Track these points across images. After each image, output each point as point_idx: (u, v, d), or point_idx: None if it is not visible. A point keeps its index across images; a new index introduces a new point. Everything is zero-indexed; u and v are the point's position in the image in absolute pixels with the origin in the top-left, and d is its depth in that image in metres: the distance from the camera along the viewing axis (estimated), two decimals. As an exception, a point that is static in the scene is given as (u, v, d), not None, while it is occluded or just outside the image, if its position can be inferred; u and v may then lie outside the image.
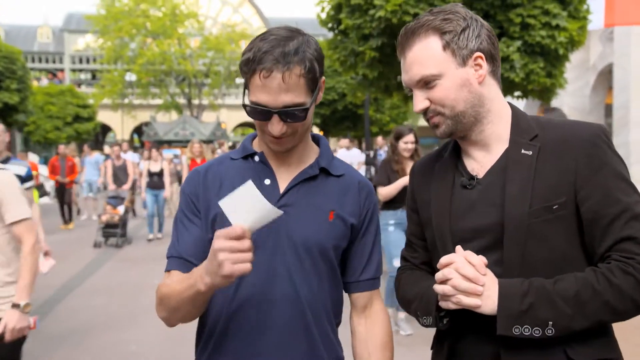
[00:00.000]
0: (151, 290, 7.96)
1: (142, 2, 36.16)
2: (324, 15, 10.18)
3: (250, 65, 1.51)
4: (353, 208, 1.71)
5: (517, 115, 1.60)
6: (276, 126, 1.55)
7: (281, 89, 1.50)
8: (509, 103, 1.64)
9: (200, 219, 1.68)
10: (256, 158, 1.70)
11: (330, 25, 10.22)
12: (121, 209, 11.70)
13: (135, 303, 7.21)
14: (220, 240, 1.35)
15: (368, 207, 1.75)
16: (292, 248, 1.63)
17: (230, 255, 1.34)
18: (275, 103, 1.51)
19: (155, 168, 12.16)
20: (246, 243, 1.34)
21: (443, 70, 1.52)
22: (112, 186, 12.45)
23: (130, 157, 15.69)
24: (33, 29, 52.68)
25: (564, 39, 8.72)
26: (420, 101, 1.57)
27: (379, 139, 16.66)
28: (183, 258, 1.65)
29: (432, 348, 1.74)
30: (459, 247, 1.47)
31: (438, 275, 1.45)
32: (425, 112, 1.58)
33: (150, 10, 36.55)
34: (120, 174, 12.67)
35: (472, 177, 1.59)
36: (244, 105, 1.59)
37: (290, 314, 1.62)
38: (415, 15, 8.53)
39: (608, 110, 15.10)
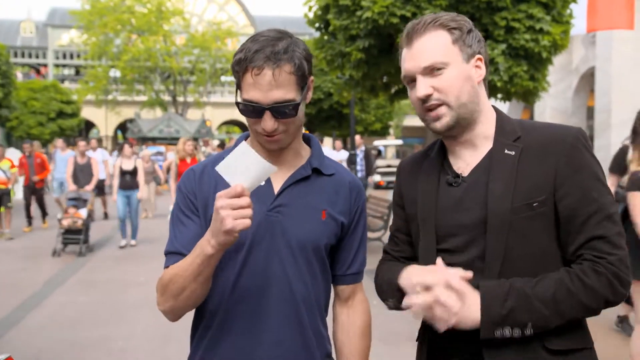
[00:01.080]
0: (138, 287, 7.99)
1: (128, -2, 35.97)
2: (311, 15, 10.25)
3: (242, 65, 1.59)
4: (344, 207, 1.78)
5: (501, 117, 1.69)
6: (268, 122, 1.61)
7: (272, 85, 1.56)
8: (493, 106, 1.73)
9: (197, 216, 1.72)
10: None
11: (317, 25, 10.29)
12: (83, 213, 10.43)
13: (122, 300, 7.23)
14: (221, 199, 1.45)
15: (357, 206, 1.83)
16: (287, 247, 1.69)
17: (231, 212, 1.43)
18: (266, 100, 1.57)
19: (127, 166, 10.90)
20: (245, 200, 1.44)
21: (452, 60, 1.59)
22: (71, 186, 11.23)
23: (100, 155, 14.88)
24: (16, 24, 52.14)
25: (547, 43, 8.87)
26: (425, 87, 1.60)
27: (357, 137, 16.24)
28: (182, 254, 1.67)
29: (417, 340, 1.82)
30: (439, 261, 1.56)
31: (419, 299, 1.52)
32: (425, 101, 1.61)
33: (136, 6, 36.34)
34: (82, 173, 11.60)
35: (457, 175, 1.66)
36: (237, 104, 1.65)
37: (286, 312, 1.69)
38: (402, 17, 8.63)
39: (590, 112, 15.32)
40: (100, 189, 14.36)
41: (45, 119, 29.96)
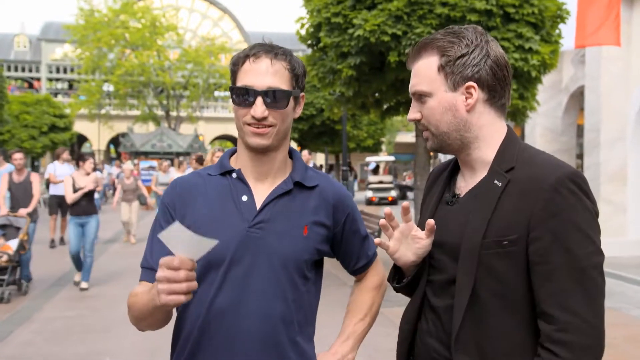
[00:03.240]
0: (126, 301, 7.94)
1: (122, 13, 36.09)
2: (303, 32, 10.33)
3: (241, 56, 1.70)
4: (328, 219, 1.78)
5: (506, 143, 1.60)
6: (259, 108, 1.64)
7: (268, 72, 1.65)
8: (510, 128, 1.64)
9: None
10: (234, 175, 1.76)
11: (309, 42, 10.37)
12: (13, 244, 8.02)
13: (110, 314, 7.20)
14: (161, 268, 1.40)
15: (345, 214, 1.82)
16: (268, 264, 1.68)
17: (165, 286, 1.39)
18: (260, 85, 1.65)
19: (83, 184, 8.54)
20: (181, 274, 1.38)
21: (433, 90, 1.59)
22: (2, 210, 8.55)
23: (67, 170, 12.16)
24: (10, 37, 52.17)
25: (536, 62, 8.96)
26: (413, 112, 1.65)
27: (304, 153, 14.41)
28: (148, 267, 1.72)
29: None
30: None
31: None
32: (416, 124, 1.67)
33: (130, 21, 36.48)
34: (19, 192, 8.93)
35: (455, 195, 1.66)
36: (231, 91, 1.70)
37: (263, 329, 1.66)
38: (393, 35, 8.72)
39: (580, 131, 15.44)
40: (63, 208, 12.42)
41: (38, 132, 29.91)
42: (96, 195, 13.47)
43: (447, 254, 1.60)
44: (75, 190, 8.52)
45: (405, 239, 1.66)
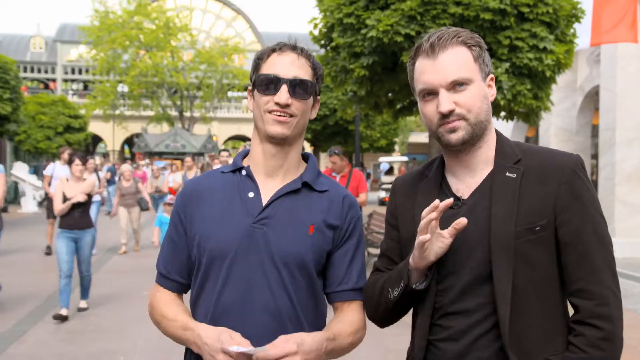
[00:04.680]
0: (140, 300, 7.98)
1: (136, 14, 36.29)
2: (316, 32, 10.34)
3: (266, 51, 1.78)
4: (335, 221, 1.77)
5: (501, 140, 1.69)
6: (284, 94, 1.69)
7: (293, 64, 1.73)
8: (495, 129, 1.72)
9: (183, 235, 1.80)
10: (243, 172, 1.80)
11: (322, 42, 10.38)
12: None
13: (124, 313, 7.24)
14: (227, 351, 1.53)
15: (350, 220, 1.81)
16: (271, 260, 1.69)
17: None
18: (286, 74, 1.71)
19: (74, 193, 7.10)
20: None
21: (474, 77, 1.61)
22: None
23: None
24: (26, 39, 52.63)
25: (550, 62, 8.92)
26: (448, 102, 1.59)
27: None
28: (166, 276, 1.83)
29: None
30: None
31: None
32: (446, 116, 1.60)
33: (144, 22, 36.67)
34: None
35: (457, 198, 1.64)
36: (257, 77, 1.75)
37: (270, 325, 1.67)
38: (406, 36, 8.70)
39: (595, 131, 15.32)
40: (50, 211, 11.24)
41: (53, 133, 30.12)
42: (97, 198, 11.91)
43: (467, 257, 1.59)
44: (64, 200, 7.12)
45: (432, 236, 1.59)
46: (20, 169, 21.32)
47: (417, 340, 1.68)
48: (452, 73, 1.59)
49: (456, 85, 1.60)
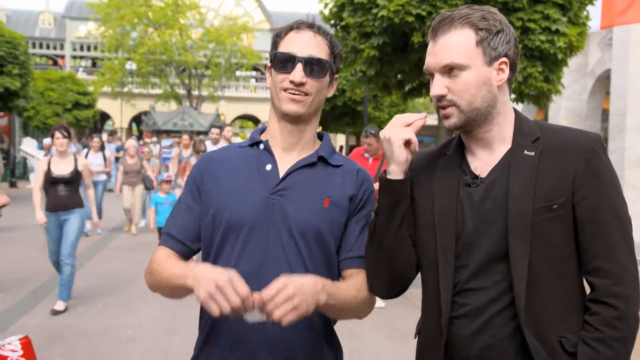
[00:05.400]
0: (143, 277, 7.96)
1: (145, -9, 36.12)
2: (327, 12, 10.27)
3: (284, 29, 1.79)
4: (349, 192, 1.79)
5: (520, 118, 1.68)
6: (298, 73, 1.71)
7: (310, 43, 1.74)
8: (513, 107, 1.71)
9: (199, 202, 1.81)
10: (261, 146, 1.82)
11: (332, 22, 10.32)
12: None
13: (131, 290, 7.31)
14: (226, 277, 1.49)
15: (364, 192, 1.82)
16: (287, 231, 1.70)
17: (214, 290, 1.48)
18: (302, 52, 1.72)
19: (61, 170, 6.53)
20: (235, 299, 1.47)
21: (471, 63, 1.58)
22: None
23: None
24: (35, 15, 52.50)
25: (563, 44, 8.83)
26: (439, 87, 1.60)
27: (226, 129, 11.91)
28: (175, 238, 1.80)
29: (415, 336, 1.81)
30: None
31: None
32: (439, 100, 1.62)
33: (152, 0, 36.49)
34: None
35: (475, 176, 1.65)
36: (273, 55, 1.76)
37: None
38: (417, 16, 8.63)
39: (605, 115, 15.22)
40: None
41: (62, 109, 30.20)
42: (101, 177, 11.90)
43: (486, 232, 1.59)
44: (52, 180, 6.44)
45: None
46: (29, 145, 21.38)
47: (434, 318, 1.66)
48: (446, 57, 1.58)
49: (450, 70, 1.59)
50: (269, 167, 1.77)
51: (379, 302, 6.18)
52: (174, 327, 5.77)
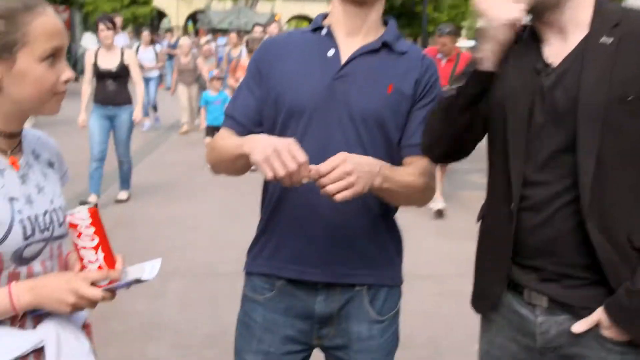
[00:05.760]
0: (206, 168, 8.25)
1: None
2: None
3: None
4: (413, 81, 1.75)
5: (601, 2, 1.53)
6: None
7: None
8: None
9: (260, 85, 1.81)
10: (323, 31, 1.80)
11: None
12: None
13: (192, 183, 7.59)
14: (284, 149, 1.47)
15: (429, 79, 1.78)
16: (349, 116, 1.69)
17: (271, 154, 1.46)
18: None
19: (108, 63, 6.35)
20: (292, 165, 1.45)
21: None
22: None
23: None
24: None
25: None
26: None
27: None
28: (236, 120, 1.81)
29: (477, 220, 1.79)
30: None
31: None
32: None
33: None
34: None
35: (547, 65, 1.55)
36: None
37: None
38: None
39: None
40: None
41: (119, 5, 30.29)
42: (154, 73, 11.80)
43: (555, 122, 1.52)
44: (100, 73, 6.32)
45: None
46: (90, 40, 21.65)
47: (503, 204, 1.61)
48: None
49: None
50: (331, 52, 1.75)
51: (439, 204, 6.25)
52: (235, 216, 6.02)
